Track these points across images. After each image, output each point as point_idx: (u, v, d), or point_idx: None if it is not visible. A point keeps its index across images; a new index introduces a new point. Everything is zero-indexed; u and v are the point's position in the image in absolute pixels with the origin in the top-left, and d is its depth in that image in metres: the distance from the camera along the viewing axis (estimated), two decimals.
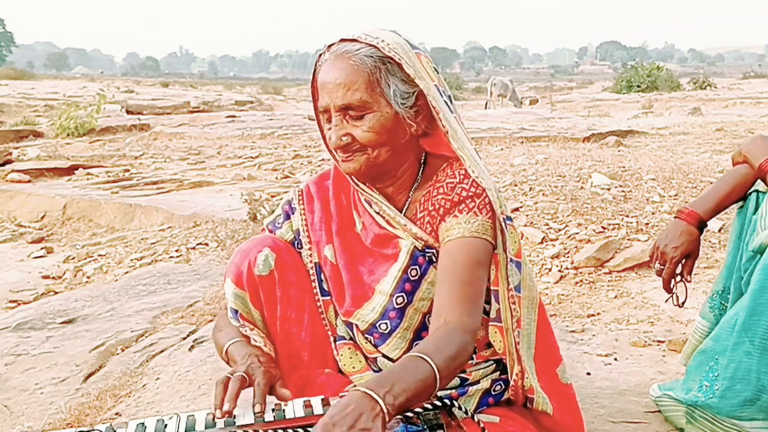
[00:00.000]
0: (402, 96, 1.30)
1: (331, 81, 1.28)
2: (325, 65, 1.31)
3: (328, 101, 1.30)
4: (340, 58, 1.29)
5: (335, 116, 1.30)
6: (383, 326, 1.39)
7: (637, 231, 3.28)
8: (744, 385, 1.47)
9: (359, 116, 1.29)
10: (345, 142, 1.30)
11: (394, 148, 1.34)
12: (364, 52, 1.28)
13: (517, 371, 1.38)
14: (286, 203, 1.53)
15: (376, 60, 1.28)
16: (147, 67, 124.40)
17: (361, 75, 1.27)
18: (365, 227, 1.43)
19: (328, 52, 1.32)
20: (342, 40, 1.31)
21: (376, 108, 1.29)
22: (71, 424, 1.93)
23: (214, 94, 19.12)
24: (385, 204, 1.40)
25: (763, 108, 12.41)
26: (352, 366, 1.45)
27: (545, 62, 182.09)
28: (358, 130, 1.29)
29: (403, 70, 1.29)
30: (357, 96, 1.27)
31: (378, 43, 1.29)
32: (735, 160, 1.69)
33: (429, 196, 1.38)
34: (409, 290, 1.37)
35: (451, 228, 1.32)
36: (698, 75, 23.91)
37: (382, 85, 1.29)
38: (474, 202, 1.32)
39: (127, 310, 2.88)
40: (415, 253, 1.37)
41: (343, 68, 1.28)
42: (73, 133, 10.14)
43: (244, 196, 4.47)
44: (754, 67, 41.69)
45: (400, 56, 1.29)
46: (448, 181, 1.36)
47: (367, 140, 1.30)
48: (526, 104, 19.46)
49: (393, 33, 1.34)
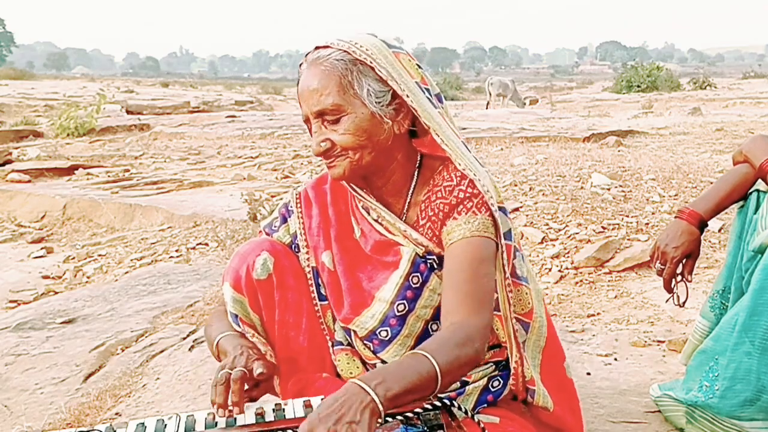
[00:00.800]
0: (377, 96, 1.30)
1: (306, 88, 1.30)
2: (302, 75, 1.32)
3: (306, 109, 1.31)
4: (313, 65, 1.30)
5: (314, 123, 1.31)
6: (383, 333, 1.38)
7: (637, 231, 3.28)
8: (744, 385, 1.47)
9: (335, 120, 1.29)
10: (324, 148, 1.30)
11: (377, 149, 1.33)
12: (334, 56, 1.29)
13: (516, 358, 1.38)
14: (284, 206, 1.53)
15: (347, 63, 1.28)
16: (147, 67, 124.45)
17: (332, 79, 1.28)
18: (364, 234, 1.42)
19: (305, 61, 1.33)
20: (316, 48, 1.32)
21: (351, 110, 1.29)
22: (71, 424, 1.93)
23: (214, 94, 19.12)
24: (383, 210, 1.39)
25: (763, 108, 12.41)
26: (350, 372, 1.44)
27: (545, 62, 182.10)
28: (336, 134, 1.29)
29: (375, 73, 1.29)
30: (330, 100, 1.27)
31: (349, 47, 1.30)
32: (735, 160, 1.69)
33: (429, 202, 1.37)
34: (410, 297, 1.37)
35: (452, 231, 1.32)
36: (698, 75, 23.91)
37: (355, 87, 1.28)
38: (472, 202, 1.32)
39: (127, 310, 2.88)
40: (416, 260, 1.36)
41: (316, 74, 1.29)
42: (73, 133, 10.14)
43: (244, 196, 4.47)
44: (754, 67, 41.70)
45: (372, 59, 1.29)
46: (445, 184, 1.35)
47: (345, 143, 1.29)
48: (527, 104, 19.44)
49: (369, 35, 1.35)
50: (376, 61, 1.29)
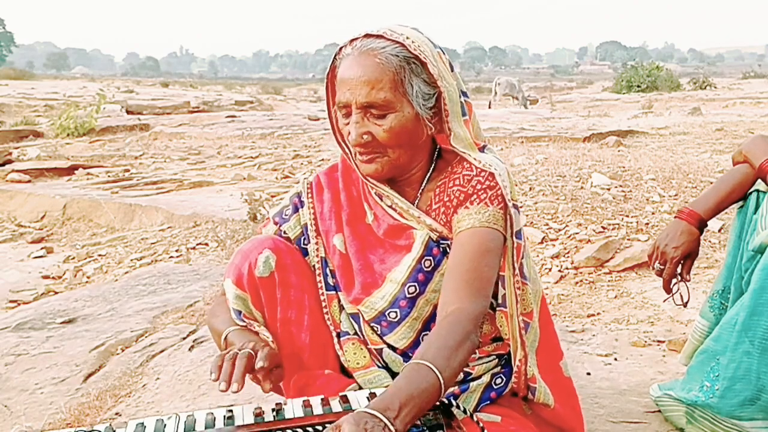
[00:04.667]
0: (423, 97, 1.30)
1: (356, 77, 1.27)
2: (347, 60, 1.30)
3: (350, 97, 1.28)
4: (365, 54, 1.27)
5: (356, 113, 1.29)
6: (392, 315, 1.38)
7: (637, 231, 3.28)
8: (744, 385, 1.47)
9: (381, 115, 1.28)
10: (365, 140, 1.29)
11: (413, 149, 1.34)
12: (390, 50, 1.27)
13: (521, 356, 1.38)
14: (295, 195, 1.51)
15: (402, 59, 1.27)
16: (147, 67, 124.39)
17: (387, 74, 1.26)
18: (377, 218, 1.42)
19: (350, 46, 1.31)
20: (367, 36, 1.30)
21: (399, 108, 1.28)
22: (71, 424, 1.93)
23: (214, 94, 19.10)
24: (397, 197, 1.39)
25: (763, 108, 12.41)
26: (357, 362, 1.44)
27: (545, 62, 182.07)
28: (379, 129, 1.29)
29: (427, 71, 1.29)
30: (381, 95, 1.26)
31: (404, 40, 1.28)
32: (735, 160, 1.69)
33: (444, 188, 1.37)
34: (422, 280, 1.37)
35: (462, 219, 1.32)
36: (698, 75, 23.88)
37: (406, 86, 1.28)
38: (486, 194, 1.32)
39: (127, 310, 2.87)
40: (429, 244, 1.36)
41: (368, 65, 1.26)
42: (73, 133, 10.12)
43: (244, 196, 4.46)
44: (754, 67, 41.63)
45: (425, 55, 1.28)
46: (465, 173, 1.36)
47: (387, 140, 1.29)
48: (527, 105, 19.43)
49: (416, 30, 1.34)
50: (429, 59, 1.28)
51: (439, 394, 1.08)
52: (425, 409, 1.06)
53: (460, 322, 1.18)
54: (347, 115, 1.31)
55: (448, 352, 1.12)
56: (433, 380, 1.07)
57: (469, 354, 1.17)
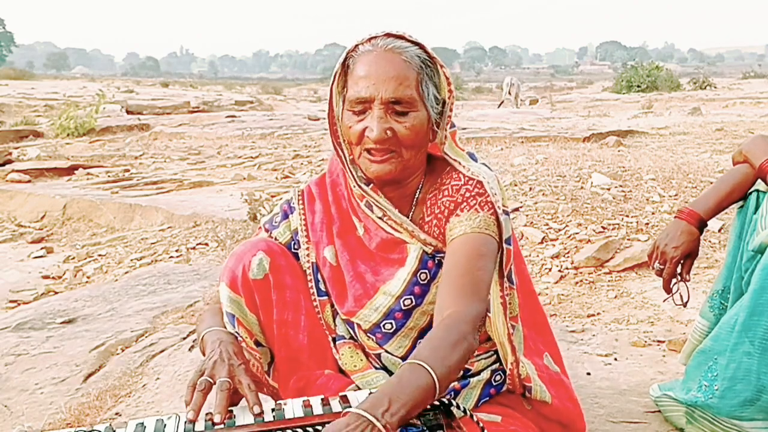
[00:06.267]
0: (435, 101, 1.33)
1: (383, 73, 1.27)
2: (368, 56, 1.30)
3: (374, 92, 1.27)
4: (390, 52, 1.29)
5: (379, 109, 1.28)
6: (387, 326, 1.39)
7: (637, 231, 3.28)
8: (744, 385, 1.47)
9: (404, 113, 1.29)
10: (388, 136, 1.28)
11: (421, 153, 1.36)
12: (413, 51, 1.30)
13: (512, 361, 1.39)
14: (285, 203, 1.52)
15: (422, 61, 1.30)
16: (147, 67, 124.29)
17: (411, 73, 1.29)
18: (368, 232, 1.42)
19: (369, 44, 1.31)
20: (388, 35, 1.31)
21: (419, 108, 1.30)
22: (71, 424, 1.93)
23: (214, 94, 19.10)
24: (391, 210, 1.38)
25: (763, 108, 12.41)
26: (353, 365, 1.44)
27: (545, 62, 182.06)
28: (401, 126, 1.29)
29: (444, 75, 1.33)
30: (409, 92, 1.28)
31: (423, 44, 1.32)
32: (735, 160, 1.70)
33: (435, 200, 1.38)
34: (418, 293, 1.37)
35: (454, 227, 1.32)
36: (698, 75, 23.88)
37: (423, 88, 1.30)
38: (476, 200, 1.33)
39: (127, 310, 2.87)
40: (423, 257, 1.37)
41: (396, 62, 1.28)
42: (73, 133, 10.12)
43: (244, 196, 4.47)
44: (754, 67, 41.65)
45: (440, 61, 1.33)
46: (453, 183, 1.36)
47: (407, 139, 1.29)
48: (526, 104, 19.41)
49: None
50: (444, 65, 1.33)
51: (434, 392, 1.07)
52: (419, 406, 1.06)
53: (457, 324, 1.18)
54: (361, 113, 1.30)
55: (442, 352, 1.12)
56: (426, 378, 1.07)
57: (466, 355, 1.17)
